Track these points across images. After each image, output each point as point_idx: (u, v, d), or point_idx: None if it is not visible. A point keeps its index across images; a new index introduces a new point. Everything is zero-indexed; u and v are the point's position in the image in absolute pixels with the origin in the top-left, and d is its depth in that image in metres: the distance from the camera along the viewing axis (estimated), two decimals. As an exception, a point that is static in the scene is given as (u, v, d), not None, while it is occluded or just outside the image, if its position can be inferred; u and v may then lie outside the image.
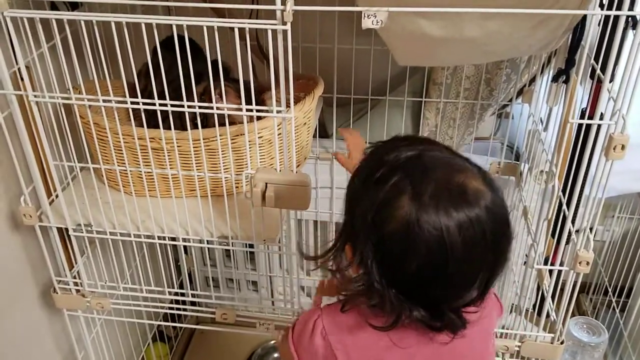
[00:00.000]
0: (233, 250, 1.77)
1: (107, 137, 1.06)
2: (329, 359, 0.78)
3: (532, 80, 1.49)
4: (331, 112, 1.53)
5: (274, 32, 0.88)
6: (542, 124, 1.36)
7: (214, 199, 1.12)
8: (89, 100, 1.01)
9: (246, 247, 1.65)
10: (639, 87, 0.88)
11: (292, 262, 1.30)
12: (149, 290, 1.25)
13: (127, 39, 0.93)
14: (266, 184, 1.00)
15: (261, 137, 1.10)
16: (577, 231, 1.01)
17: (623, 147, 0.87)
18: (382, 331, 0.74)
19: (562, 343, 1.11)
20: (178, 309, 1.40)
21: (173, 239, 1.15)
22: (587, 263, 0.99)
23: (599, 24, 0.98)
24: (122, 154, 1.09)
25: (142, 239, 1.13)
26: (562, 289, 1.10)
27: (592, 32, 0.99)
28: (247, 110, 0.97)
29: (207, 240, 1.13)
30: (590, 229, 1.02)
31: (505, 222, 0.70)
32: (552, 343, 1.11)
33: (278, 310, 1.38)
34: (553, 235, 1.20)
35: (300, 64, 1.47)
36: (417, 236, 0.65)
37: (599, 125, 0.95)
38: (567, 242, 1.15)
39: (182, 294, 1.29)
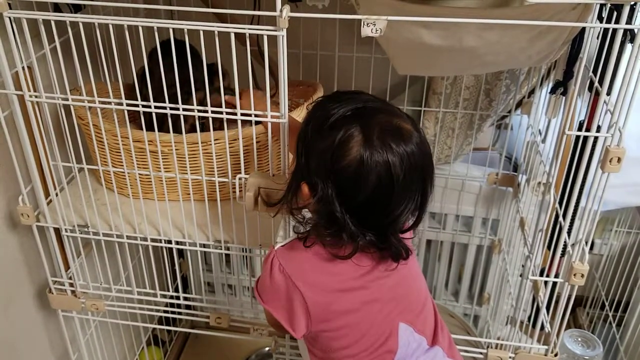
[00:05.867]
0: (228, 255, 1.78)
1: (106, 138, 1.06)
2: (290, 290, 0.87)
3: (532, 91, 1.50)
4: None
5: (272, 37, 0.89)
6: (540, 136, 1.36)
7: (210, 203, 1.12)
8: (87, 101, 1.02)
9: (244, 251, 1.67)
10: (636, 99, 0.88)
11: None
12: (144, 292, 1.25)
13: (128, 42, 0.94)
14: (259, 188, 1.01)
15: (259, 142, 1.11)
16: (573, 244, 1.01)
17: (619, 159, 0.87)
18: (344, 259, 0.86)
19: (555, 355, 1.11)
20: (173, 312, 1.40)
21: (169, 242, 1.15)
22: (582, 275, 0.99)
23: (597, 37, 0.98)
24: (120, 156, 1.09)
25: (137, 242, 1.13)
26: (557, 301, 1.10)
27: (590, 45, 0.99)
28: (242, 114, 0.98)
29: (203, 244, 1.13)
30: (586, 242, 1.02)
31: (430, 155, 0.85)
32: (545, 355, 1.11)
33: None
34: (549, 247, 1.20)
35: (300, 70, 1.48)
36: (370, 169, 0.79)
37: (596, 138, 0.95)
38: (563, 254, 1.15)
39: (177, 298, 1.29)
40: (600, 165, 0.89)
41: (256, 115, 0.98)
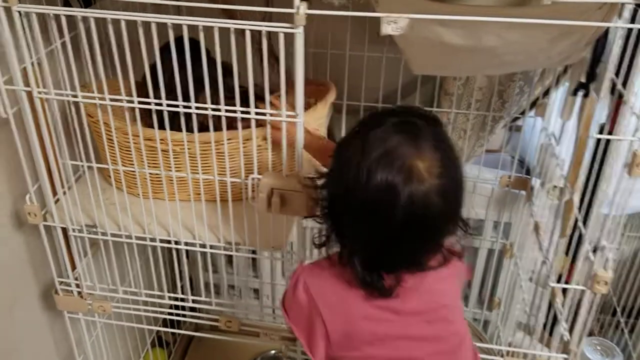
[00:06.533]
0: (235, 256, 1.76)
1: (116, 136, 1.04)
2: (312, 311, 0.83)
3: (545, 93, 1.47)
4: (339, 119, 1.51)
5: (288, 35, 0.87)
6: (554, 138, 1.34)
7: (221, 204, 1.10)
8: (97, 98, 0.99)
9: (250, 253, 1.64)
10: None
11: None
12: (150, 294, 1.22)
13: (142, 38, 0.91)
14: (272, 189, 0.98)
15: (265, 141, 1.09)
16: (595, 249, 0.99)
17: (646, 163, 0.85)
18: (375, 291, 0.81)
19: (574, 364, 1.09)
20: (178, 314, 1.38)
21: (177, 242, 1.13)
22: (606, 283, 0.97)
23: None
24: (129, 154, 1.07)
25: (146, 242, 1.11)
26: (576, 309, 1.07)
27: (614, 46, 0.97)
28: (257, 114, 0.96)
29: (211, 246, 1.11)
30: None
31: (432, 211, 0.76)
32: (565, 364, 1.08)
33: (279, 319, 1.35)
34: (567, 253, 1.18)
35: (311, 69, 1.45)
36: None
37: (618, 141, 0.93)
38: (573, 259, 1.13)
39: (183, 300, 1.26)
40: (628, 170, 0.87)
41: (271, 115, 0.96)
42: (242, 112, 0.95)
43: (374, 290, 0.81)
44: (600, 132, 1.01)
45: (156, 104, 0.97)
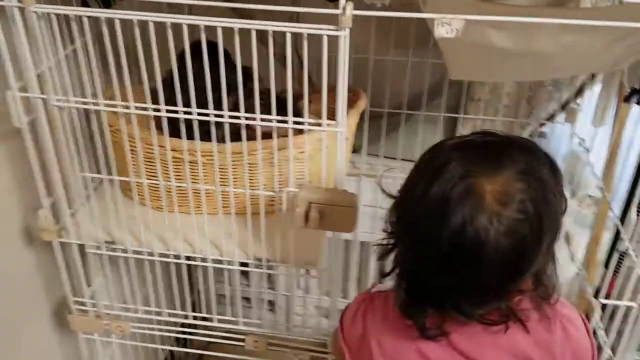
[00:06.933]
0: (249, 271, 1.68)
1: (136, 147, 0.97)
2: (364, 342, 0.77)
3: (575, 97, 1.43)
4: (360, 125, 1.45)
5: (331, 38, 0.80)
6: (585, 145, 1.29)
7: (245, 218, 1.03)
8: (120, 107, 0.92)
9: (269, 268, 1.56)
10: None
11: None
12: (172, 313, 1.15)
13: (171, 41, 0.85)
14: (310, 203, 0.92)
15: (302, 152, 1.02)
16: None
17: None
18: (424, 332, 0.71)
19: (622, 383, 1.03)
20: (191, 333, 1.29)
21: (203, 259, 1.05)
22: (659, 298, 0.92)
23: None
24: (153, 165, 0.99)
25: (170, 259, 1.04)
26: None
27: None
28: (295, 122, 0.89)
29: (241, 263, 1.04)
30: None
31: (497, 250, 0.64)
32: (612, 383, 1.03)
33: (296, 332, 1.27)
34: (607, 265, 1.13)
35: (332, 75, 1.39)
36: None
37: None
38: (617, 272, 1.08)
39: (205, 319, 1.18)
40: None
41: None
42: (279, 122, 0.89)
43: (414, 324, 0.72)
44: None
45: (185, 112, 0.90)
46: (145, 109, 0.90)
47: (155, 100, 0.91)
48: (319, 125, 0.89)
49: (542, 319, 0.72)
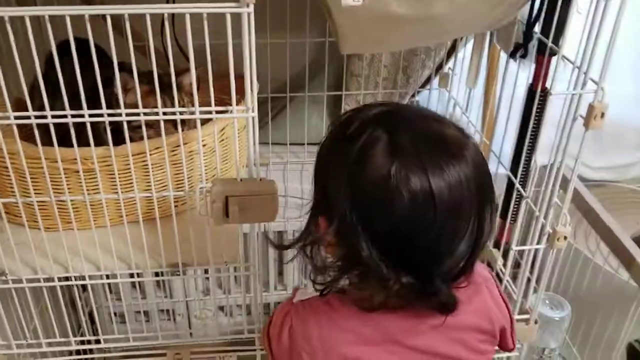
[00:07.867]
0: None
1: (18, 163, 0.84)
2: (294, 357, 0.73)
3: (439, 66, 1.49)
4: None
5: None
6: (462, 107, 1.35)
7: (151, 224, 0.94)
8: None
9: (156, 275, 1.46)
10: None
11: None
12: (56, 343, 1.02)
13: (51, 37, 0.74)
14: (227, 197, 0.86)
15: (205, 145, 0.96)
16: (548, 207, 0.99)
17: (603, 115, 0.86)
18: (371, 311, 0.69)
19: (536, 322, 1.10)
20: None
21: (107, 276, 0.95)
22: (565, 238, 0.98)
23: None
24: (25, 181, 0.86)
25: (72, 282, 0.92)
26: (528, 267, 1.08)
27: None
28: (202, 112, 0.82)
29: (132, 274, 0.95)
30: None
31: (487, 172, 0.67)
32: (527, 324, 1.09)
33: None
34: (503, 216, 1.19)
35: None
36: (400, 187, 0.60)
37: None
38: (514, 221, 1.13)
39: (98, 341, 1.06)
40: (584, 123, 0.88)
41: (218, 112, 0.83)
42: (182, 113, 0.82)
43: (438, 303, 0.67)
44: (530, 91, 1.01)
45: (73, 116, 0.79)
46: (27, 117, 0.77)
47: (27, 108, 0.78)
48: (228, 112, 0.83)
49: (470, 285, 0.72)
